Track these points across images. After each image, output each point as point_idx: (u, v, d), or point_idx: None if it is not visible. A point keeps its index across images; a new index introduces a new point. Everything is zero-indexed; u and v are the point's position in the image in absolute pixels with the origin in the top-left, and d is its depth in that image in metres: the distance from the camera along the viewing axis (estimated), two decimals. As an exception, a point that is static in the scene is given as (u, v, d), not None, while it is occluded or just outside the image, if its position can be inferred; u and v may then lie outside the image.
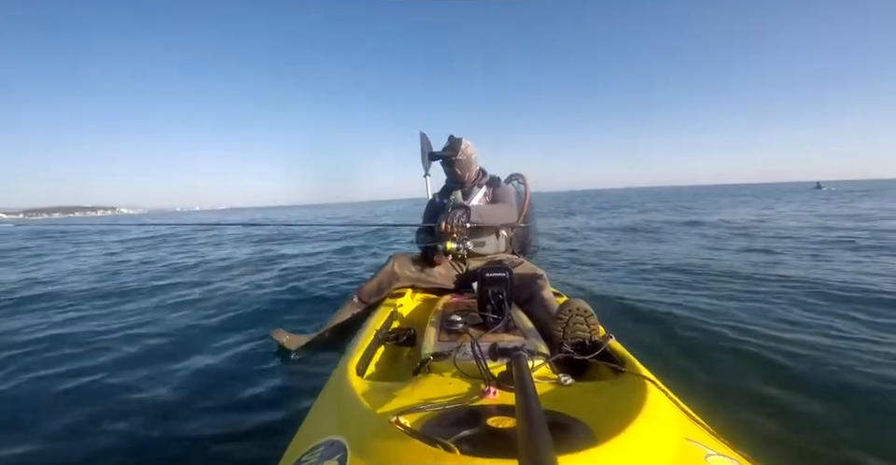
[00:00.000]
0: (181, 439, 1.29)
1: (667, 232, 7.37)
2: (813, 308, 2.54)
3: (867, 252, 4.45)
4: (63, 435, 1.35)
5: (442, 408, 0.73)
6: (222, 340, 2.21)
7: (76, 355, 2.04)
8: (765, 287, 3.12)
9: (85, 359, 1.99)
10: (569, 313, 1.10)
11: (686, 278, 3.54)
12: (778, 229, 7.01)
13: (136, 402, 1.54)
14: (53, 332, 2.43)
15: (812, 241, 5.41)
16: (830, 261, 4.04)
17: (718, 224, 8.24)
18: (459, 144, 2.02)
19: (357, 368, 1.05)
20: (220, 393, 1.59)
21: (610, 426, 0.63)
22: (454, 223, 1.82)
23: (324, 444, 0.66)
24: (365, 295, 1.96)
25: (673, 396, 0.81)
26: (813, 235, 5.93)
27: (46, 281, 4.38)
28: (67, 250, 7.89)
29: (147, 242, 8.88)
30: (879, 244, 4.95)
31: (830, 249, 4.73)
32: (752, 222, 8.38)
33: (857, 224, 7.26)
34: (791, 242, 5.43)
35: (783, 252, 4.66)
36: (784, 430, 1.30)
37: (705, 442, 0.68)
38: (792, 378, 1.65)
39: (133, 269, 5.12)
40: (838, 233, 6.02)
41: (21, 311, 3.04)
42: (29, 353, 2.10)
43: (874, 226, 6.88)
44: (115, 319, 2.66)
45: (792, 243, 5.34)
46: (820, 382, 1.60)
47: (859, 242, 5.13)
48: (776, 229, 7.03)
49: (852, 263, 3.89)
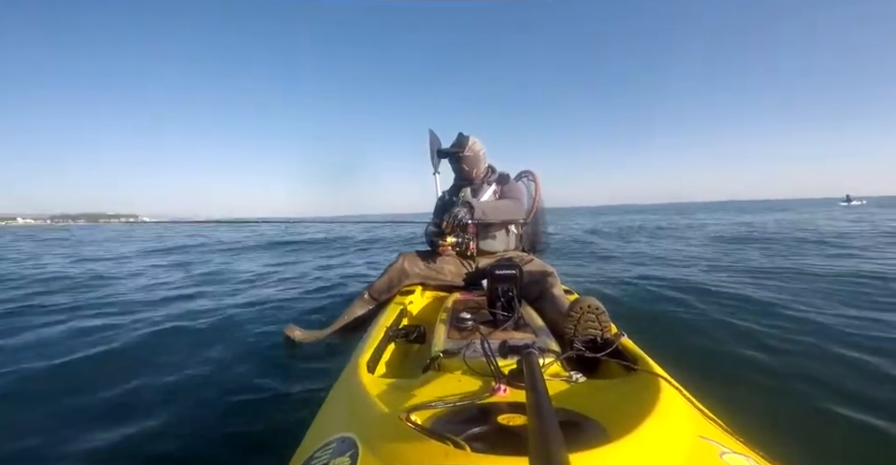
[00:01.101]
0: (193, 434, 1.31)
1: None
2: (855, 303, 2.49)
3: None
4: (69, 425, 1.37)
5: (453, 405, 0.73)
6: (235, 336, 2.25)
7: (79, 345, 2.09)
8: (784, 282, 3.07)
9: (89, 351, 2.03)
10: (580, 310, 1.09)
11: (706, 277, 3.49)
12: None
13: (146, 398, 1.56)
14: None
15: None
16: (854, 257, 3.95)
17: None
18: (466, 140, 2.02)
19: (368, 365, 1.05)
20: (233, 388, 1.61)
21: (623, 423, 0.63)
22: (455, 220, 1.84)
23: (335, 441, 0.67)
24: (375, 292, 1.97)
25: (687, 393, 0.80)
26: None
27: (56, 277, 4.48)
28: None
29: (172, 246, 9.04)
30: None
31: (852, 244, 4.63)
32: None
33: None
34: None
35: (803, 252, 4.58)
36: (801, 428, 1.28)
37: (719, 439, 0.67)
38: (811, 376, 1.62)
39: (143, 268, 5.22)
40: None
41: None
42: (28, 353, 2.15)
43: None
44: (123, 314, 2.72)
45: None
46: (842, 381, 1.57)
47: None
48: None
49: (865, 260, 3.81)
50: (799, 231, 8.17)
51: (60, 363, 1.89)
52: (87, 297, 3.43)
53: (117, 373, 1.78)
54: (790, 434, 1.22)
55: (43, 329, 2.47)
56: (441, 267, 2.00)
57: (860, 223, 9.86)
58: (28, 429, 1.36)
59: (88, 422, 1.39)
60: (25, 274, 4.79)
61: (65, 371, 1.84)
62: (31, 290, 3.78)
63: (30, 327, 2.51)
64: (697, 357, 1.84)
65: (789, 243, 6.10)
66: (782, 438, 1.18)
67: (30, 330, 2.45)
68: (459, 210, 1.85)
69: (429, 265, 1.99)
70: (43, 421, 1.41)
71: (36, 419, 1.43)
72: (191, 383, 1.69)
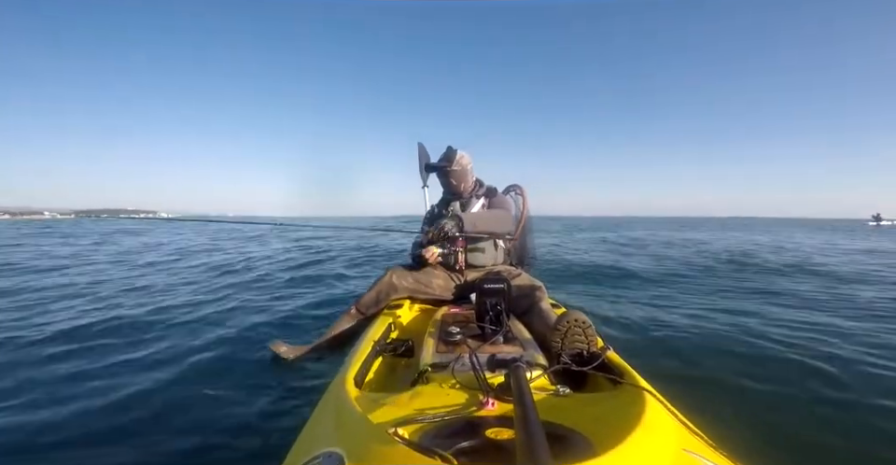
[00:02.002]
0: (176, 450, 1.27)
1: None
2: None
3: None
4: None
5: (441, 419, 0.73)
6: (218, 350, 2.19)
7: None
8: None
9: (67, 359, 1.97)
10: (567, 324, 1.10)
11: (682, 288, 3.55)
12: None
13: (124, 413, 1.52)
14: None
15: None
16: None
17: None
18: (454, 154, 2.05)
19: (355, 379, 1.04)
20: (216, 403, 1.57)
21: (609, 437, 0.63)
22: (441, 233, 1.84)
23: (322, 456, 0.66)
24: (363, 307, 1.95)
25: (671, 407, 0.81)
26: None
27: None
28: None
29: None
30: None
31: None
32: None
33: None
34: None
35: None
36: (785, 442, 1.30)
37: (703, 453, 0.68)
38: (797, 389, 1.66)
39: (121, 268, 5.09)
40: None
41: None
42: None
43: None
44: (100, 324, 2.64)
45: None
46: (825, 395, 1.61)
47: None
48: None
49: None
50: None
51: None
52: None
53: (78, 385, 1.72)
54: (773, 448, 1.24)
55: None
56: (429, 281, 1.99)
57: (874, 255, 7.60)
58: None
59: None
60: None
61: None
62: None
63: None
64: (683, 371, 1.87)
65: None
66: (767, 452, 1.20)
67: None
68: (446, 222, 1.84)
69: (418, 279, 1.99)
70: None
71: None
72: (174, 398, 1.64)
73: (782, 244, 9.93)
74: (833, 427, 1.38)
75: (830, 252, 7.92)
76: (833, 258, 6.84)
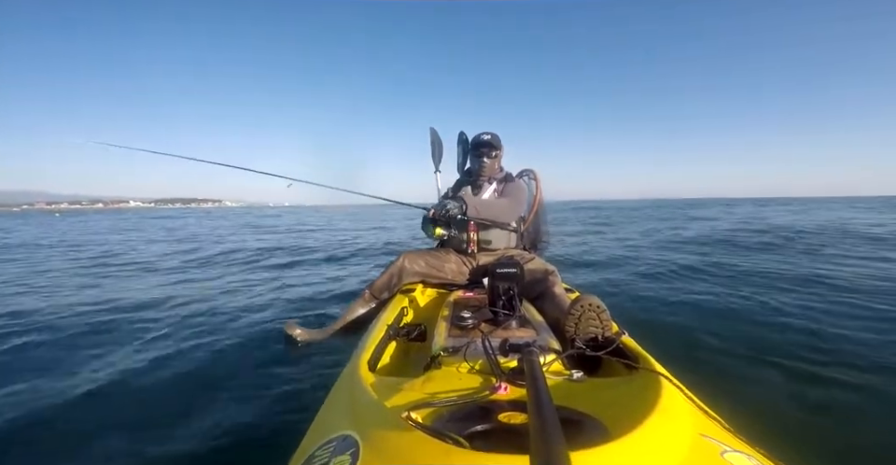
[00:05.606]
0: (192, 433, 1.31)
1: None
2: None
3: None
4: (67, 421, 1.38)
5: (454, 403, 0.73)
6: (235, 332, 2.24)
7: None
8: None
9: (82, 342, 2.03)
10: (581, 309, 1.09)
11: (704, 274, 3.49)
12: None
13: (143, 395, 1.57)
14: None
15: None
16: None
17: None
18: (499, 139, 2.07)
19: (369, 363, 1.05)
20: (233, 386, 1.61)
21: (624, 422, 0.63)
22: (444, 211, 1.84)
23: (336, 439, 0.67)
24: (376, 291, 1.97)
25: (688, 392, 0.80)
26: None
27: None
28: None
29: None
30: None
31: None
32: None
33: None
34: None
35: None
36: (803, 426, 1.28)
37: (721, 438, 0.67)
38: (813, 373, 1.62)
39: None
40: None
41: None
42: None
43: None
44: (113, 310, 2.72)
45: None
46: (845, 378, 1.57)
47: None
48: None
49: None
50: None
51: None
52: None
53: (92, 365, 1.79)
54: (791, 432, 1.22)
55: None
56: (441, 265, 1.99)
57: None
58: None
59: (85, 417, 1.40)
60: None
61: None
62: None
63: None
64: (703, 355, 1.84)
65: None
66: (784, 436, 1.18)
67: None
68: (450, 202, 1.85)
69: (430, 263, 1.99)
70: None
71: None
72: (190, 380, 1.69)
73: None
74: (861, 418, 1.35)
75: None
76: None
